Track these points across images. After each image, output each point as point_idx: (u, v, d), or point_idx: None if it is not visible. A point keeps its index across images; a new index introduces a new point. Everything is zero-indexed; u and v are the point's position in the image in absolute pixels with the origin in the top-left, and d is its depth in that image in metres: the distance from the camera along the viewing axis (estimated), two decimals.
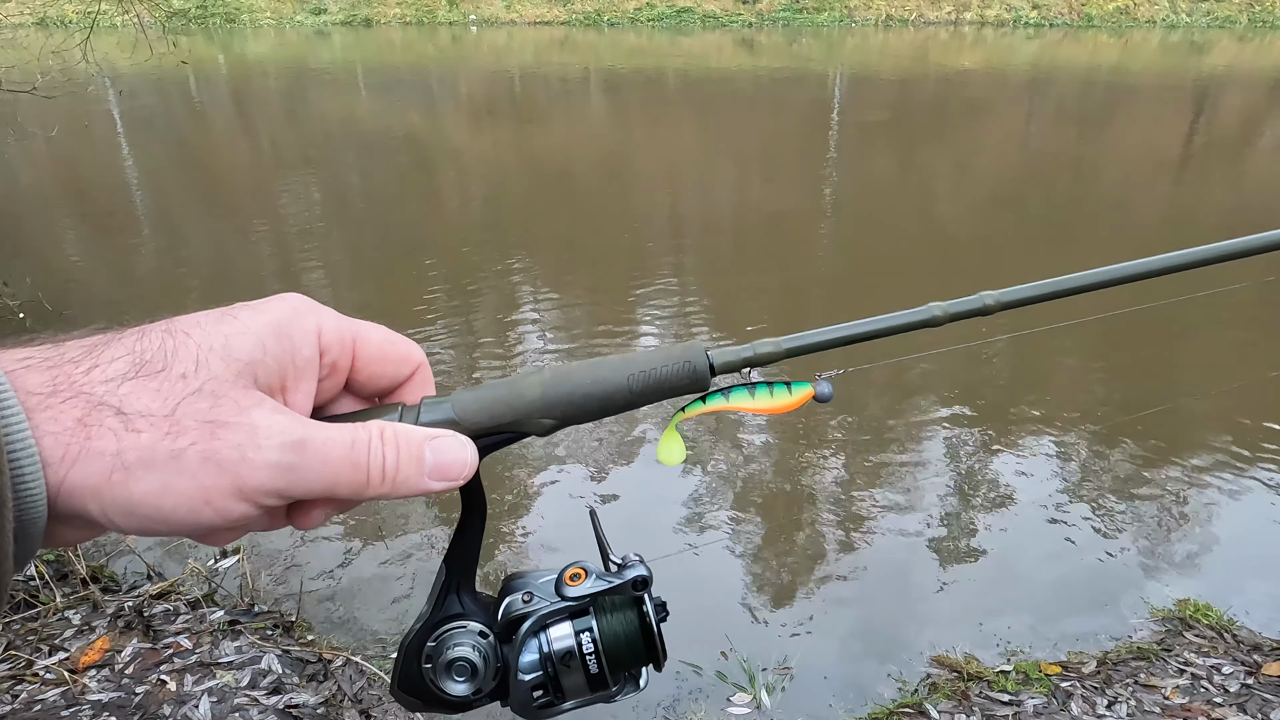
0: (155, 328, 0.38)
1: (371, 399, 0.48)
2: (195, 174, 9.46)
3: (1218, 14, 23.62)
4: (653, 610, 0.49)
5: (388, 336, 0.47)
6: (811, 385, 0.51)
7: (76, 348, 0.37)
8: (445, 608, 0.49)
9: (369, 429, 0.41)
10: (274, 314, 0.41)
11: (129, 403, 0.36)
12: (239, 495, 0.37)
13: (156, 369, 0.37)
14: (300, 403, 0.42)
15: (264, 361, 0.39)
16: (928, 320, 0.51)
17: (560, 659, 0.48)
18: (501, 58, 19.88)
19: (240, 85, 15.89)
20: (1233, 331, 5.11)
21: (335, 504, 0.43)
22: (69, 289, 5.52)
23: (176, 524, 0.37)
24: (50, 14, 21.69)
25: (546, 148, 10.93)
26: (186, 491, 0.36)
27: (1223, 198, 8.59)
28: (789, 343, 0.50)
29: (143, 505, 0.36)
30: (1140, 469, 3.67)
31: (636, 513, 3.41)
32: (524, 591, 0.49)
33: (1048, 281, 0.54)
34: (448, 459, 0.42)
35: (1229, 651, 2.58)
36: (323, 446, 0.39)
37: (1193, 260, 0.59)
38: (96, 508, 0.35)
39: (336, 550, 3.05)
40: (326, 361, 0.43)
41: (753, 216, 8.02)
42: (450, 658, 0.48)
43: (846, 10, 24.08)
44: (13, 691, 2.19)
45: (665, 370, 0.47)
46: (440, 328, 5.06)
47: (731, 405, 0.50)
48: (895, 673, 2.58)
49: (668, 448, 0.52)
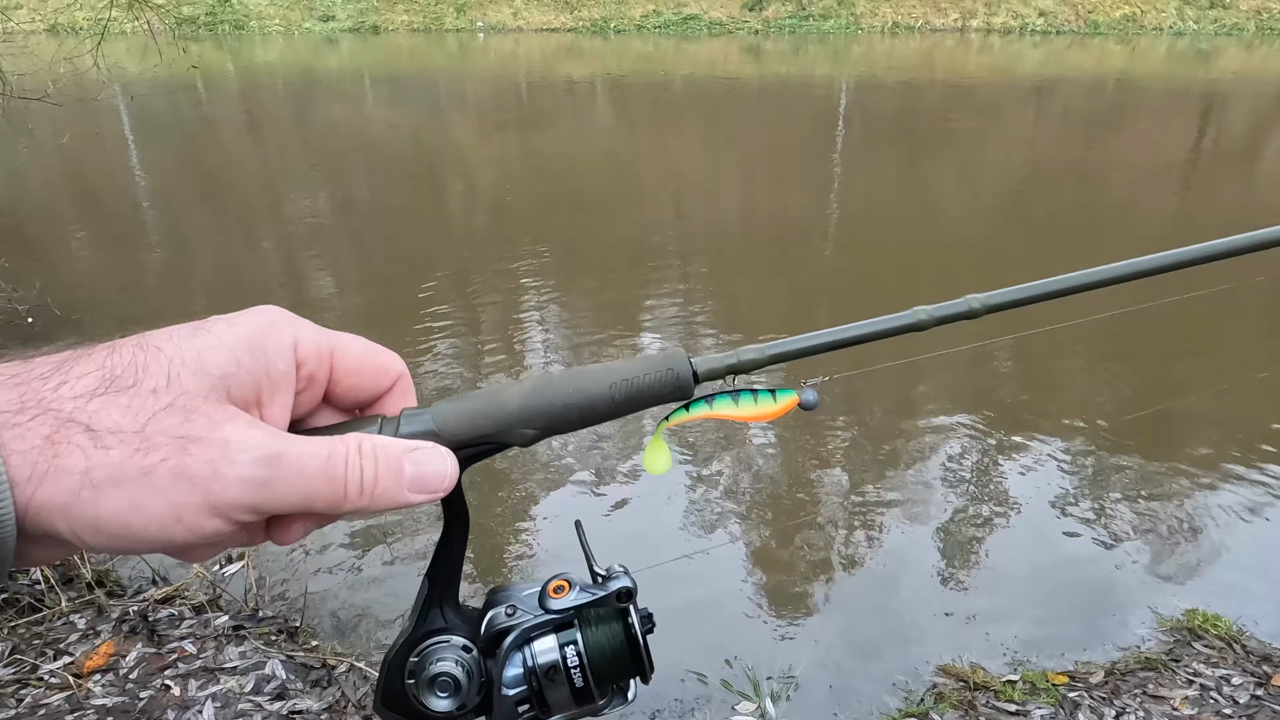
0: (126, 342, 0.38)
1: (352, 411, 0.47)
2: (204, 179, 9.51)
3: (1225, 21, 23.55)
4: (638, 622, 0.48)
5: (366, 348, 0.46)
6: (796, 392, 0.50)
7: (45, 364, 0.37)
8: (428, 622, 0.49)
9: (346, 442, 0.40)
10: (249, 327, 0.41)
11: (98, 419, 0.35)
12: (212, 511, 0.37)
13: (127, 384, 0.36)
14: (277, 416, 0.41)
15: (238, 375, 0.39)
16: (913, 324, 0.51)
17: (545, 673, 0.47)
18: (508, 64, 19.95)
19: (249, 91, 15.98)
20: (1240, 331, 5.08)
21: (313, 518, 0.42)
22: (77, 293, 5.55)
23: (147, 541, 0.36)
24: (62, 21, 21.85)
25: (553, 153, 10.96)
26: (157, 509, 0.35)
27: (1230, 204, 8.56)
28: (773, 349, 0.49)
29: (112, 523, 0.35)
30: (1147, 476, 3.65)
31: (641, 520, 3.40)
32: (507, 605, 0.49)
33: (1033, 284, 0.54)
34: (427, 471, 0.42)
35: (1238, 662, 2.55)
36: (298, 460, 0.38)
37: (1181, 260, 0.58)
38: (65, 527, 0.35)
39: (341, 556, 3.06)
40: (303, 374, 0.43)
41: (759, 222, 8.02)
42: (433, 673, 0.47)
43: (853, 17, 24.10)
44: (18, 695, 2.20)
45: (649, 378, 0.47)
46: (444, 335, 5.07)
47: (716, 413, 0.50)
48: (901, 682, 2.56)
49: (654, 456, 0.52)
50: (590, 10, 24.52)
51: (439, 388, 4.44)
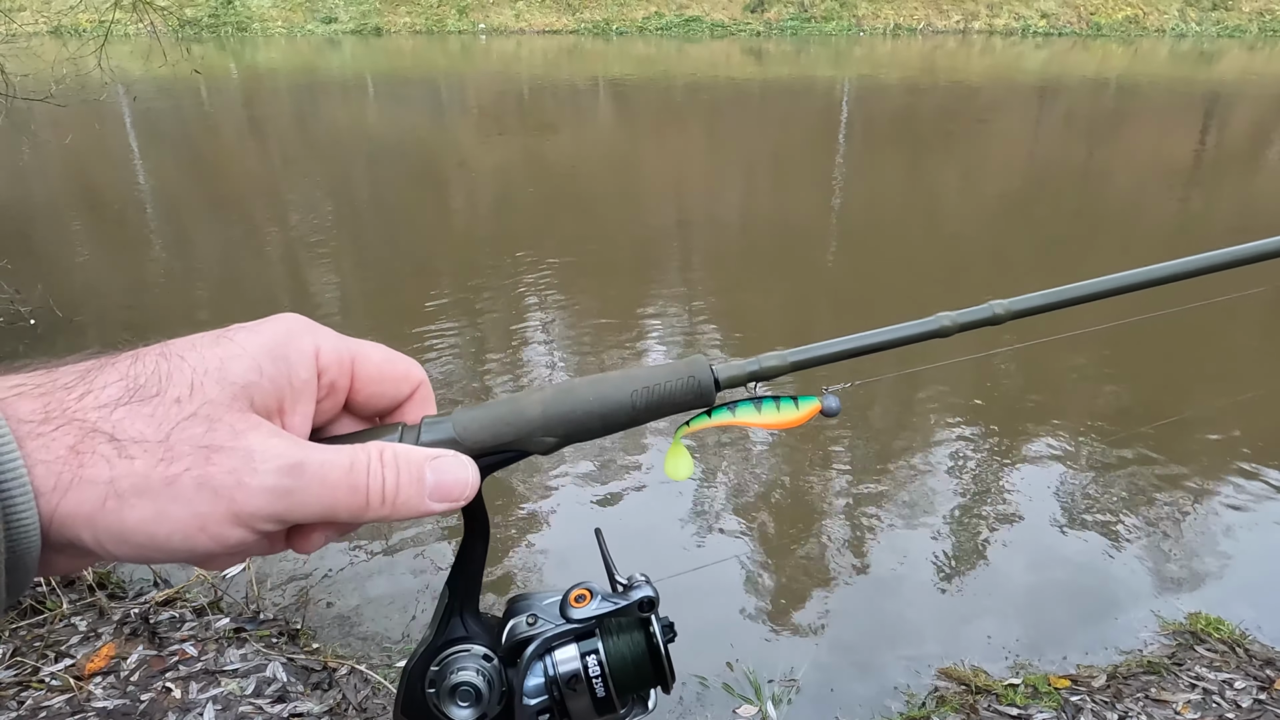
0: (150, 351, 0.38)
1: (372, 419, 0.47)
2: (206, 181, 9.52)
3: (1227, 23, 23.52)
4: (660, 631, 0.48)
5: (387, 355, 0.46)
6: (819, 400, 0.50)
7: (69, 373, 0.37)
8: (448, 631, 0.48)
9: (368, 450, 0.40)
10: (270, 335, 0.41)
11: (122, 429, 0.35)
12: (235, 521, 0.37)
13: (150, 394, 0.36)
14: (298, 425, 0.41)
15: (260, 384, 0.39)
16: (937, 331, 0.51)
17: (566, 682, 0.47)
18: (510, 66, 19.97)
19: (252, 93, 16.00)
20: (1250, 339, 5.07)
21: (335, 527, 0.43)
22: (80, 296, 5.56)
23: (172, 551, 0.36)
24: (65, 22, 21.90)
25: (555, 155, 10.97)
26: (181, 518, 0.36)
27: (1233, 206, 8.55)
28: (794, 356, 0.49)
29: (137, 533, 0.35)
30: (1151, 480, 3.64)
31: (645, 527, 3.40)
32: (528, 614, 0.49)
33: (1058, 290, 0.53)
34: (449, 479, 0.42)
35: (1241, 666, 2.55)
36: (320, 469, 0.38)
37: (1210, 265, 0.57)
38: (90, 536, 0.35)
39: (342, 558, 3.05)
40: (325, 382, 0.43)
41: (762, 225, 8.02)
42: (454, 682, 0.47)
43: (855, 19, 24.10)
44: (19, 698, 2.20)
45: (669, 386, 0.46)
46: (447, 341, 5.07)
47: (738, 420, 0.49)
48: (903, 685, 2.56)
49: (674, 463, 0.51)
50: (592, 12, 24.54)
51: (439, 391, 4.44)
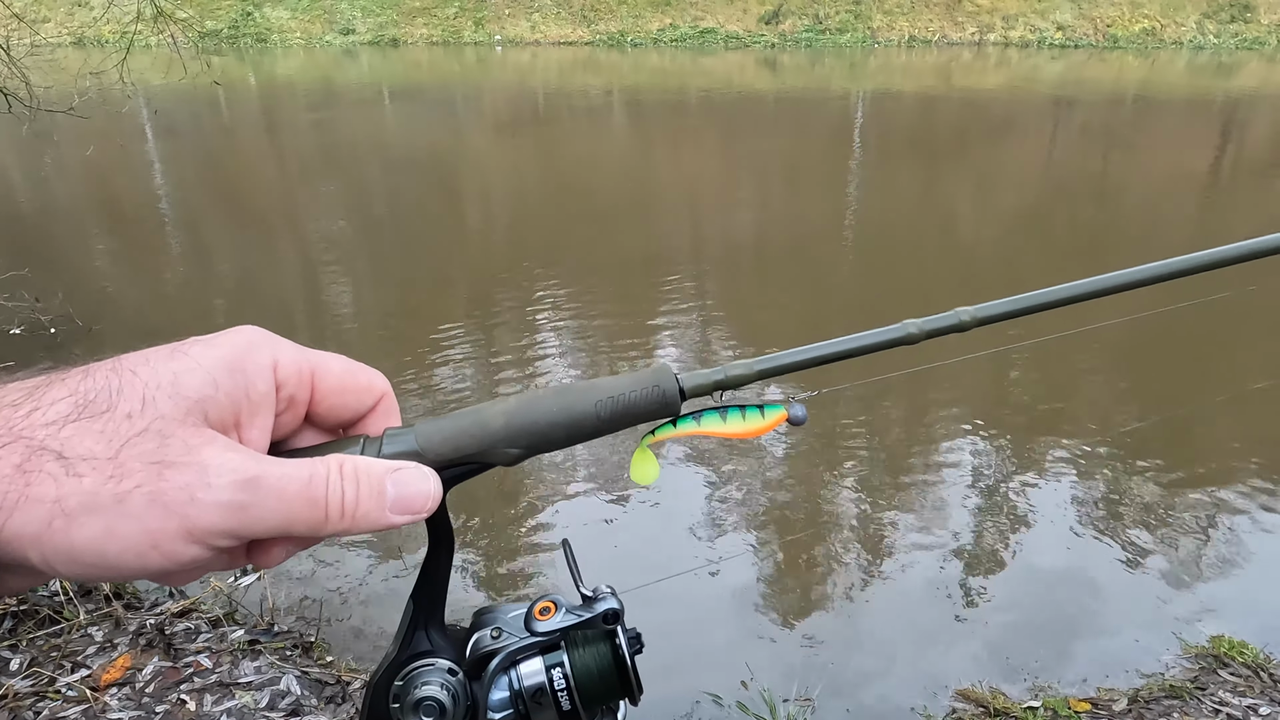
0: (101, 366, 0.37)
1: (335, 431, 0.46)
2: (225, 192, 9.62)
3: (1246, 35, 23.37)
4: (626, 643, 0.48)
5: (348, 367, 0.45)
6: (784, 408, 0.49)
7: (17, 390, 0.36)
8: (413, 645, 0.48)
9: (327, 463, 0.40)
10: (227, 348, 0.40)
11: (70, 446, 0.34)
12: (188, 538, 0.36)
13: (100, 409, 0.35)
14: (256, 439, 0.41)
15: (215, 398, 0.38)
16: (903, 338, 0.50)
17: (531, 696, 0.47)
18: (526, 77, 20.11)
19: (270, 104, 16.18)
20: (1256, 338, 5.01)
21: (295, 541, 0.42)
22: (100, 304, 5.62)
23: (123, 569, 0.36)
24: (88, 34, 22.25)
25: (570, 166, 11.01)
26: (132, 536, 0.35)
27: (1250, 217, 8.46)
28: (760, 364, 0.49)
29: (86, 552, 0.34)
30: (1170, 498, 3.60)
31: (649, 535, 3.38)
32: (493, 627, 0.48)
33: (1023, 296, 0.54)
34: (410, 492, 0.41)
35: (1265, 691, 2.50)
36: (278, 483, 0.38)
37: (1179, 269, 0.59)
38: (38, 556, 0.34)
39: (357, 570, 3.06)
40: (284, 395, 0.42)
41: (774, 235, 8.01)
42: (418, 697, 0.46)
43: (869, 31, 24.12)
44: (35, 708, 2.21)
45: (634, 395, 0.46)
46: (458, 345, 5.08)
47: (703, 430, 0.49)
48: (920, 706, 2.53)
49: (640, 468, 0.51)
50: (607, 24, 24.69)
51: (443, 401, 4.45)
